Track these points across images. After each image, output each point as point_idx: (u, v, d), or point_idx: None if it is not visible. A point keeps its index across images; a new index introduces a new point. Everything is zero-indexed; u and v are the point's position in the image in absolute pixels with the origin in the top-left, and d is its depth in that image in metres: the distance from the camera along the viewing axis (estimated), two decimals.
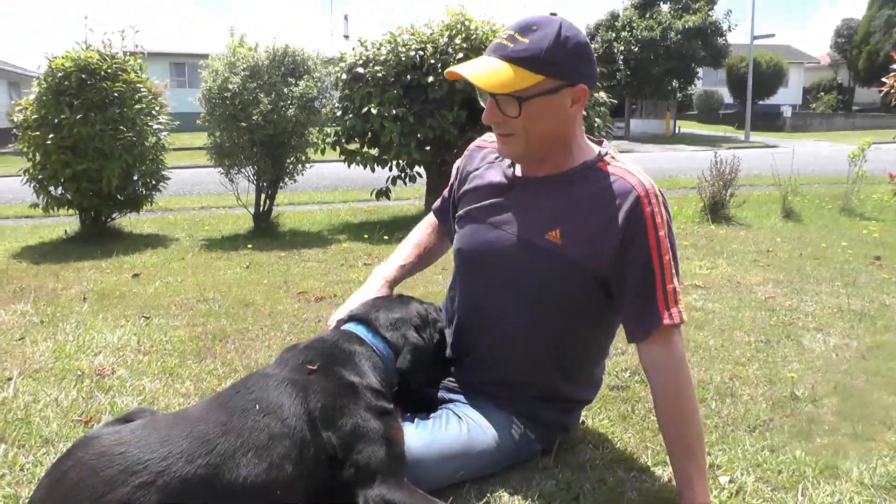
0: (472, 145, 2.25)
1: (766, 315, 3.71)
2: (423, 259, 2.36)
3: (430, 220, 2.42)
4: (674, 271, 1.80)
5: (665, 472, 2.00)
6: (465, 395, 2.07)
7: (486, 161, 2.13)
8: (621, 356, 3.05)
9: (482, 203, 2.04)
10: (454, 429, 1.91)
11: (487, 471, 1.95)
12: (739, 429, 2.31)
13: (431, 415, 2.00)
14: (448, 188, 2.32)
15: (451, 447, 1.86)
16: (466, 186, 2.14)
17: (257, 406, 1.64)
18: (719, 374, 2.81)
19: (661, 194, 1.84)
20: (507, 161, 2.03)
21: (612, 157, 1.91)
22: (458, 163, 2.27)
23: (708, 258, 5.32)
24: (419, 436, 1.85)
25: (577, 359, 2.03)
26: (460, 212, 2.13)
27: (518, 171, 2.01)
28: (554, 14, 1.83)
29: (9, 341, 3.47)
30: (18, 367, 3.04)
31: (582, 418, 2.34)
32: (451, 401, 2.07)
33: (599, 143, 1.99)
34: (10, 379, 2.89)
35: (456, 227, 2.16)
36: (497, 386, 2.03)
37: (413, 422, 1.94)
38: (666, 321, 1.76)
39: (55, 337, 3.50)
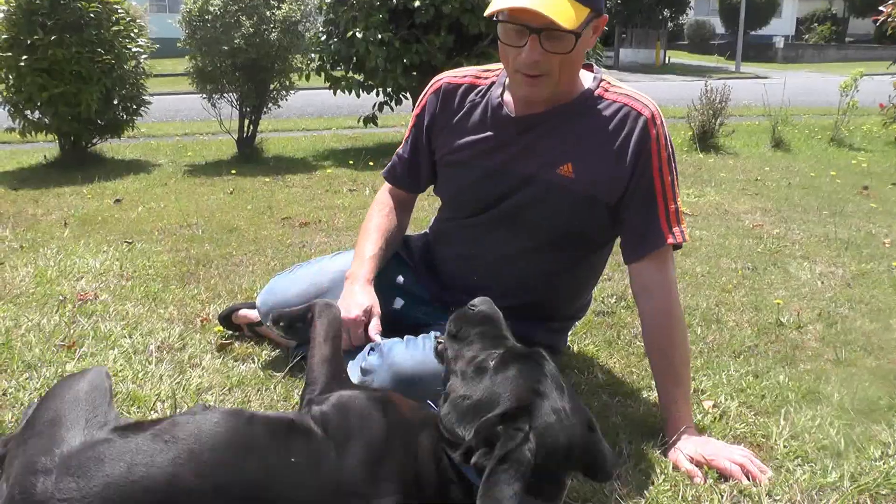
0: (438, 85, 2.05)
1: (752, 243, 3.71)
2: (390, 245, 2.14)
3: (384, 198, 2.23)
4: (676, 191, 1.81)
5: (650, 397, 2.01)
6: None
7: (467, 101, 1.99)
8: (608, 282, 3.04)
9: (477, 145, 1.94)
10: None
11: None
12: (724, 354, 2.32)
13: (421, 335, 1.97)
14: (405, 144, 2.15)
15: (436, 367, 1.83)
16: (448, 130, 2.01)
17: None
18: (705, 301, 2.81)
19: (662, 114, 1.84)
20: (495, 98, 1.93)
21: (609, 83, 1.88)
22: (424, 108, 2.08)
23: (696, 186, 5.29)
24: (411, 354, 1.82)
25: (577, 284, 2.05)
26: (448, 157, 2.02)
27: (511, 108, 1.91)
28: None
29: None
30: None
31: (568, 343, 2.34)
32: (438, 323, 2.05)
33: (590, 70, 1.93)
34: None
35: (440, 172, 2.07)
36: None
37: (403, 340, 1.92)
38: (669, 240, 1.78)
39: (35, 262, 3.45)
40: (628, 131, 1.78)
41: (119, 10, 6.43)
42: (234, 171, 6.10)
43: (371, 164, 6.41)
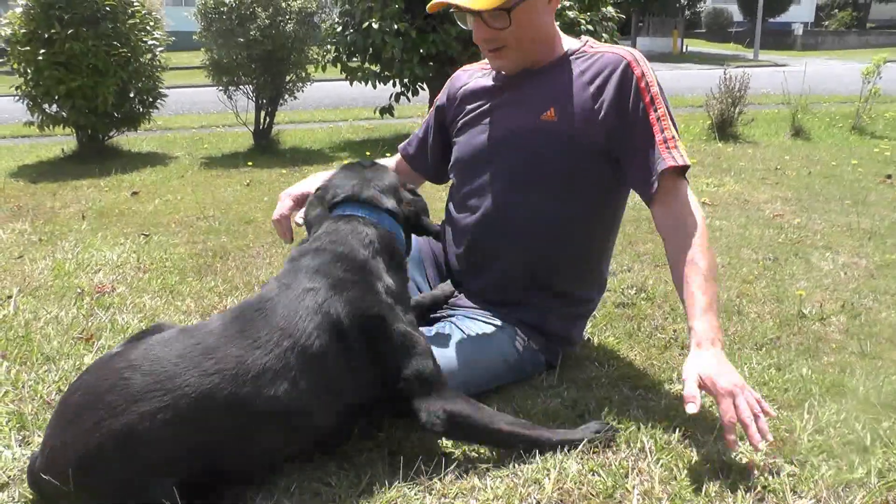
0: (454, 74, 2.28)
1: (773, 233, 3.65)
2: None
3: (389, 163, 2.33)
4: (669, 122, 1.86)
5: (672, 389, 1.98)
6: (467, 307, 2.03)
7: (473, 77, 2.17)
8: (627, 273, 3.01)
9: (475, 111, 2.08)
10: (457, 343, 1.88)
11: (493, 384, 1.93)
12: (746, 347, 2.28)
13: (431, 328, 1.96)
14: (424, 128, 2.30)
15: (454, 361, 1.82)
16: (457, 103, 2.16)
17: (281, 323, 1.51)
18: (726, 292, 2.77)
19: (645, 60, 1.92)
20: (491, 72, 2.10)
21: (594, 43, 2.01)
22: (439, 97, 2.27)
23: (715, 176, 5.23)
24: None
25: (582, 248, 2.03)
26: (454, 128, 2.16)
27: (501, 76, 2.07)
28: None
29: (7, 259, 3.44)
30: (18, 285, 3.01)
31: (587, 335, 2.32)
32: (451, 315, 2.04)
33: (578, 39, 2.07)
34: (9, 297, 2.87)
35: (453, 142, 2.16)
36: (501, 290, 2.00)
37: None
38: (670, 162, 1.80)
39: (54, 255, 3.47)
40: (608, 74, 1.88)
41: (135, 4, 6.45)
42: (250, 163, 6.11)
43: (388, 154, 6.37)
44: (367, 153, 6.57)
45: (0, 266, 3.34)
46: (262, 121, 7.01)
